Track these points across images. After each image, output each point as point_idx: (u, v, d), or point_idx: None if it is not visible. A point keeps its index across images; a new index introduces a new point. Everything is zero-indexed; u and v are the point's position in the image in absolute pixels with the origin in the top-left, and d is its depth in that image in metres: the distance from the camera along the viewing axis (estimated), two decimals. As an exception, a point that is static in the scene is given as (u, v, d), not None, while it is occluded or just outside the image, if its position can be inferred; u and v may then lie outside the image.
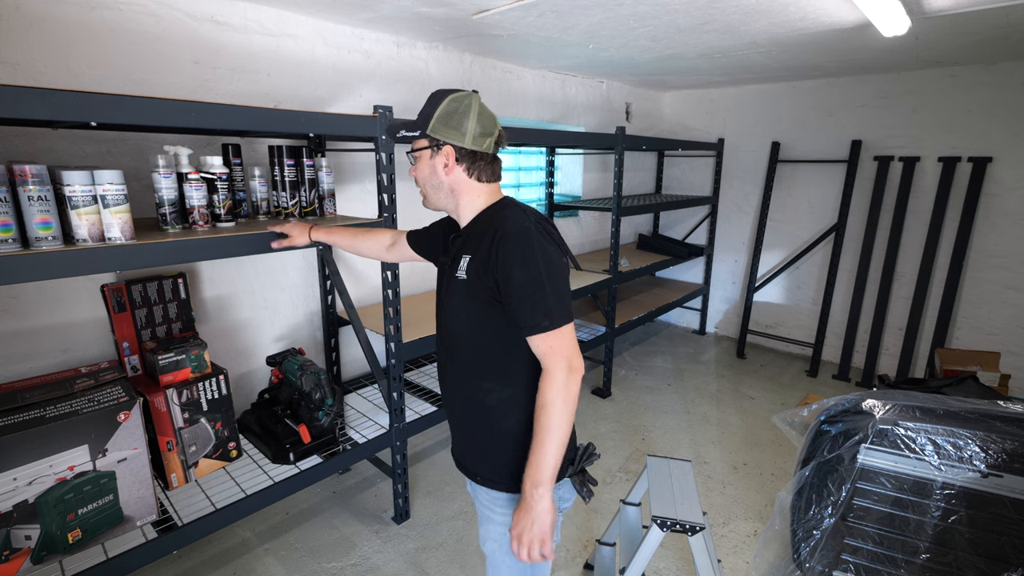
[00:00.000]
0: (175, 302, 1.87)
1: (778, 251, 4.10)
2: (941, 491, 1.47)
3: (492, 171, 1.15)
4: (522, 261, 1.00)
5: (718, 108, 4.24)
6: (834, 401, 1.65)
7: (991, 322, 3.26)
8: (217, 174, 1.62)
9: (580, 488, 1.13)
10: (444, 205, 1.17)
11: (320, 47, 2.24)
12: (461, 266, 1.10)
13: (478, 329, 1.10)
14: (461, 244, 1.14)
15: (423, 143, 1.12)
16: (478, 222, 1.13)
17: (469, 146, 1.09)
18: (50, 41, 1.61)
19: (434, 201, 1.17)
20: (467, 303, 1.10)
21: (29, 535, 1.34)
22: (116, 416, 1.43)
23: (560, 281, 1.04)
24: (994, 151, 3.13)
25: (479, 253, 1.05)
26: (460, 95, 1.10)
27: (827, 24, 2.21)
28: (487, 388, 1.11)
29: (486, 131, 1.10)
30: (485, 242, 1.05)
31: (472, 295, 1.07)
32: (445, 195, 1.15)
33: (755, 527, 2.17)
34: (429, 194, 1.17)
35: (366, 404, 2.34)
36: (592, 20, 2.19)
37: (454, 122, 1.08)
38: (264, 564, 1.93)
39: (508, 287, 1.01)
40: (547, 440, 0.99)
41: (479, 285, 1.05)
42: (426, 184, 1.15)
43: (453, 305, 1.14)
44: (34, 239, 1.20)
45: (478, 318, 1.09)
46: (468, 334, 1.12)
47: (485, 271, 1.04)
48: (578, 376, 1.02)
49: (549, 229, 1.10)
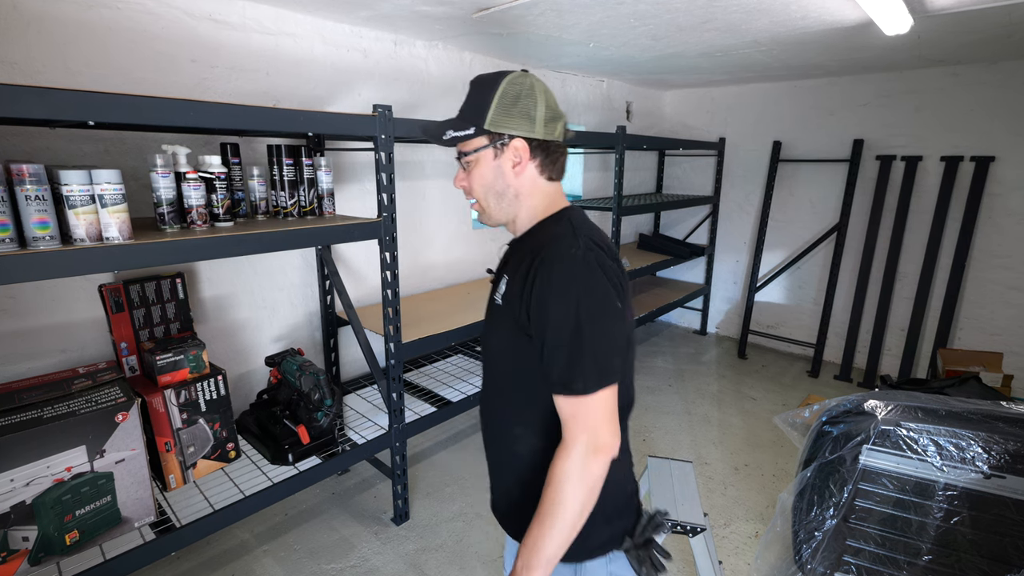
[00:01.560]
0: (173, 302, 1.86)
1: (779, 251, 4.09)
2: (943, 492, 1.46)
3: (563, 165, 0.95)
4: (561, 296, 0.80)
5: (719, 107, 4.23)
6: (836, 402, 1.64)
7: (994, 322, 3.25)
8: (215, 173, 1.62)
9: (639, 567, 0.91)
10: (507, 216, 0.95)
11: (319, 45, 2.24)
12: (500, 288, 0.92)
13: (510, 365, 0.92)
14: (506, 260, 0.98)
15: (481, 141, 0.90)
16: (532, 235, 0.93)
17: (542, 135, 0.88)
18: (48, 40, 1.60)
19: (497, 214, 0.94)
20: (500, 332, 0.92)
21: (26, 536, 1.34)
22: (114, 417, 1.43)
23: (606, 330, 0.81)
24: (997, 150, 3.12)
25: (518, 275, 0.87)
26: (516, 75, 0.90)
27: (829, 23, 2.20)
28: (517, 433, 0.94)
29: (555, 113, 0.90)
30: (526, 263, 0.86)
31: (506, 324, 0.90)
32: (509, 202, 0.93)
33: (756, 528, 2.16)
34: (491, 205, 0.94)
35: (365, 405, 2.33)
36: (593, 18, 2.18)
37: (520, 108, 0.87)
38: (263, 566, 1.92)
39: (540, 326, 0.82)
40: (548, 520, 0.79)
41: (512, 314, 0.88)
42: (488, 192, 0.92)
43: (488, 331, 0.98)
44: (31, 239, 1.20)
45: (511, 352, 0.91)
46: (500, 368, 0.95)
47: (519, 299, 0.85)
48: (604, 458, 0.80)
49: (607, 259, 0.85)
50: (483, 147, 0.90)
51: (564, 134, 0.93)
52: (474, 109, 0.90)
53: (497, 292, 0.93)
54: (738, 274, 4.37)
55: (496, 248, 3.36)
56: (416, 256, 2.86)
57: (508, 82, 0.89)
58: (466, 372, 2.72)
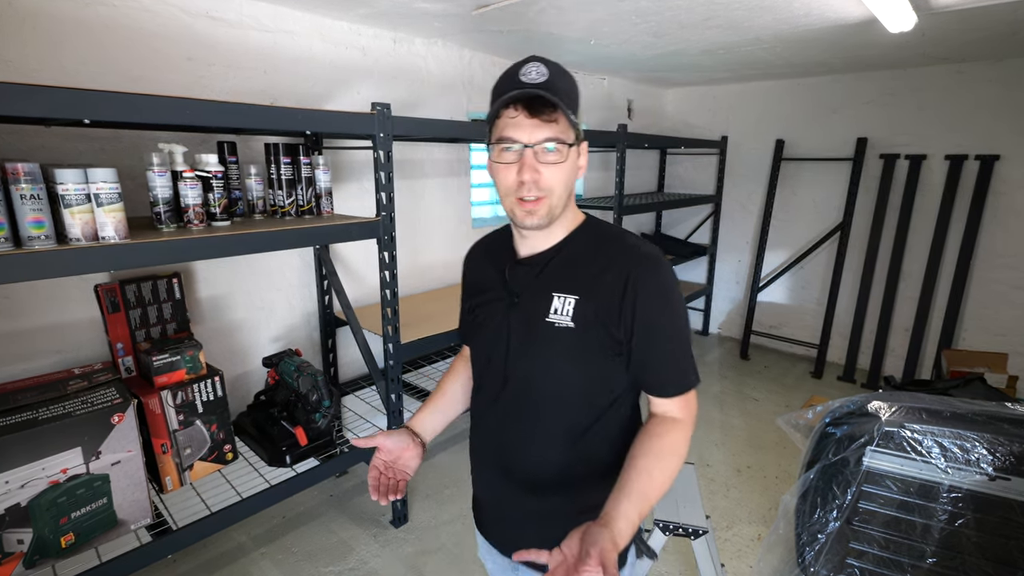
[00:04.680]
0: (170, 302, 1.85)
1: (782, 250, 4.07)
2: (948, 494, 1.45)
3: None
4: (668, 299, 0.80)
5: (721, 105, 4.21)
6: (839, 403, 1.62)
7: (999, 323, 3.22)
8: (212, 172, 1.60)
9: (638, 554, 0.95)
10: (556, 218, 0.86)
11: (317, 43, 2.22)
12: (559, 309, 0.83)
13: (586, 387, 0.85)
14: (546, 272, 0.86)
15: (572, 134, 0.81)
16: (576, 241, 0.87)
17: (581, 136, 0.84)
18: (43, 38, 1.59)
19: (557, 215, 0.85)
20: (572, 355, 0.83)
21: (21, 539, 1.33)
22: (110, 418, 1.42)
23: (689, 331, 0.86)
24: (1002, 149, 3.09)
25: (596, 290, 0.81)
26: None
27: (832, 20, 2.18)
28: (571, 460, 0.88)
29: None
30: (607, 274, 0.81)
31: (584, 347, 0.82)
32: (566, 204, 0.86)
33: (759, 531, 2.14)
34: (557, 206, 0.83)
35: (364, 406, 2.32)
36: (593, 16, 2.16)
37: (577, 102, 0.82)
38: (260, 568, 1.91)
39: (651, 334, 0.80)
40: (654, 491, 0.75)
41: (597, 335, 0.81)
42: (565, 191, 0.83)
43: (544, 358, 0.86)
44: (26, 238, 1.18)
45: (589, 375, 0.84)
46: (569, 394, 0.86)
47: (610, 314, 0.80)
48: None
49: None
50: (575, 142, 0.82)
51: None
52: (571, 97, 0.80)
53: (552, 312, 0.83)
54: (740, 274, 4.35)
55: (496, 248, 3.34)
56: (415, 256, 2.84)
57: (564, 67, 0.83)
58: (466, 372, 2.71)
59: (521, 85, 0.78)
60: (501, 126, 0.81)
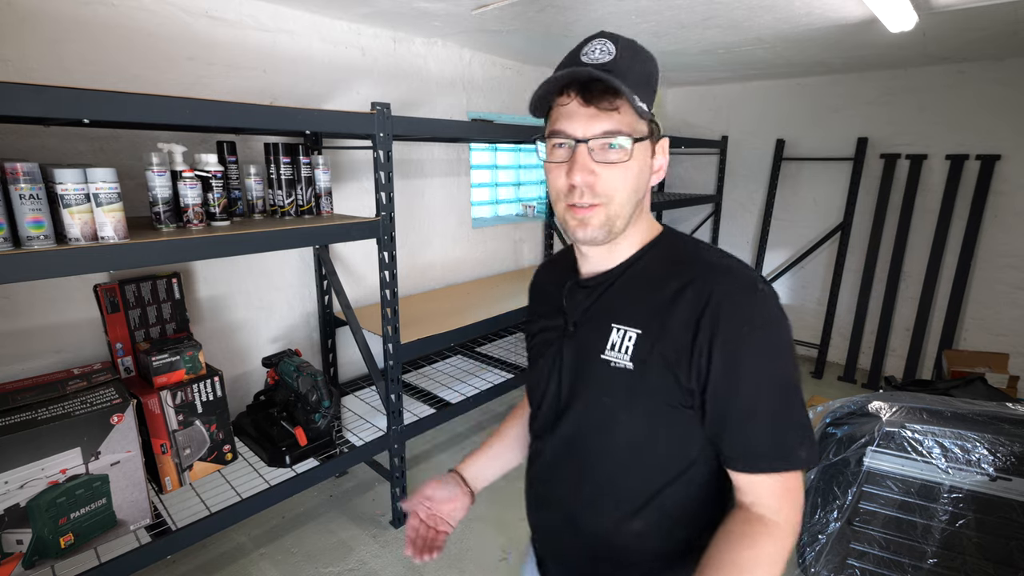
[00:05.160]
0: (169, 302, 1.85)
1: (783, 250, 4.06)
2: (948, 495, 1.45)
3: None
4: (766, 346, 0.61)
5: (721, 105, 4.20)
6: (840, 403, 1.62)
7: (999, 323, 3.22)
8: (212, 172, 1.60)
9: None
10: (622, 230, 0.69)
11: (316, 43, 2.22)
12: (616, 344, 0.67)
13: (649, 445, 0.68)
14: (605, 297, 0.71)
15: (645, 128, 0.68)
16: (646, 260, 0.70)
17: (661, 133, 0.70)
18: (42, 37, 1.59)
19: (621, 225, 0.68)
20: (630, 404, 0.67)
21: (20, 539, 1.32)
22: (109, 418, 1.41)
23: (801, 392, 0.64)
24: (1003, 149, 3.09)
25: (663, 322, 0.64)
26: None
27: (833, 20, 2.17)
28: (637, 530, 0.71)
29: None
30: (679, 303, 0.64)
31: (646, 394, 0.66)
32: (638, 213, 0.70)
33: (759, 531, 2.14)
34: (625, 214, 0.67)
35: (363, 406, 2.32)
36: (594, 15, 2.16)
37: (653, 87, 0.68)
38: (260, 569, 1.91)
39: (731, 386, 0.62)
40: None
41: (662, 380, 0.64)
42: (633, 196, 0.67)
43: (597, 404, 0.71)
44: (25, 238, 1.18)
45: (653, 431, 0.67)
46: (627, 452, 0.69)
47: (679, 355, 0.63)
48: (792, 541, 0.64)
49: None
50: (645, 137, 0.67)
51: None
52: (645, 82, 0.66)
53: (610, 348, 0.68)
54: (740, 273, 4.35)
55: (497, 248, 3.34)
56: (415, 256, 2.84)
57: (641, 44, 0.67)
58: (465, 373, 2.70)
59: (579, 65, 0.64)
60: (554, 117, 0.67)
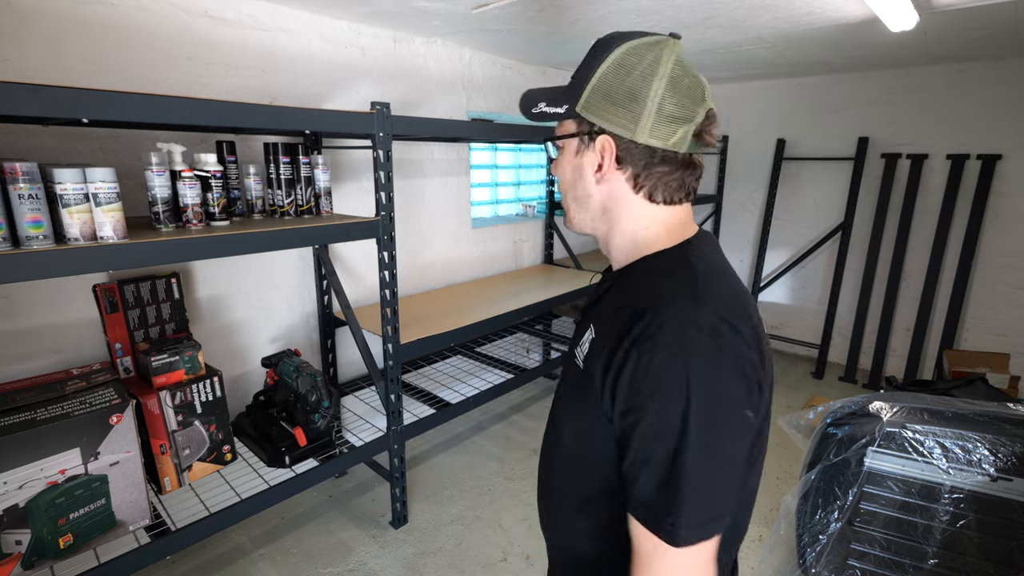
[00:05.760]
0: (168, 302, 1.85)
1: (783, 250, 4.06)
2: (949, 495, 1.44)
3: (680, 184, 0.66)
4: (663, 393, 0.56)
5: (722, 104, 4.20)
6: (840, 403, 1.62)
7: (1000, 323, 3.21)
8: (211, 172, 1.60)
9: None
10: (593, 230, 0.73)
11: (316, 42, 2.22)
12: (583, 343, 0.69)
13: (579, 446, 0.68)
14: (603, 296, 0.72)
15: (570, 127, 0.69)
16: (635, 274, 0.68)
17: (645, 139, 0.63)
18: (41, 36, 1.59)
19: (578, 221, 0.73)
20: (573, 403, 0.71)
21: (19, 540, 1.32)
22: (108, 419, 1.41)
23: (725, 457, 0.58)
24: (1004, 148, 3.08)
25: (607, 339, 0.63)
26: (643, 43, 0.64)
27: (833, 19, 2.17)
28: (579, 528, 0.72)
29: (681, 112, 0.62)
30: (619, 325, 0.61)
31: (582, 396, 0.66)
32: (594, 215, 0.71)
33: (760, 532, 2.14)
34: (571, 209, 0.73)
35: (363, 407, 2.31)
36: (594, 15, 2.16)
37: (623, 93, 0.63)
38: (259, 569, 1.90)
39: (628, 421, 0.59)
40: None
41: (592, 387, 0.64)
42: (567, 194, 0.73)
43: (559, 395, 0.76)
44: (24, 238, 1.18)
45: (581, 432, 0.68)
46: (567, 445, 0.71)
47: (603, 375, 0.62)
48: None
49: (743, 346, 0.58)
50: (570, 135, 0.70)
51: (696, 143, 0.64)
52: (576, 81, 0.68)
53: (579, 346, 0.70)
54: (741, 274, 4.35)
55: (497, 248, 3.34)
56: (415, 256, 2.84)
57: (627, 50, 0.64)
58: (465, 373, 2.70)
59: None
60: None
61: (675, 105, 0.62)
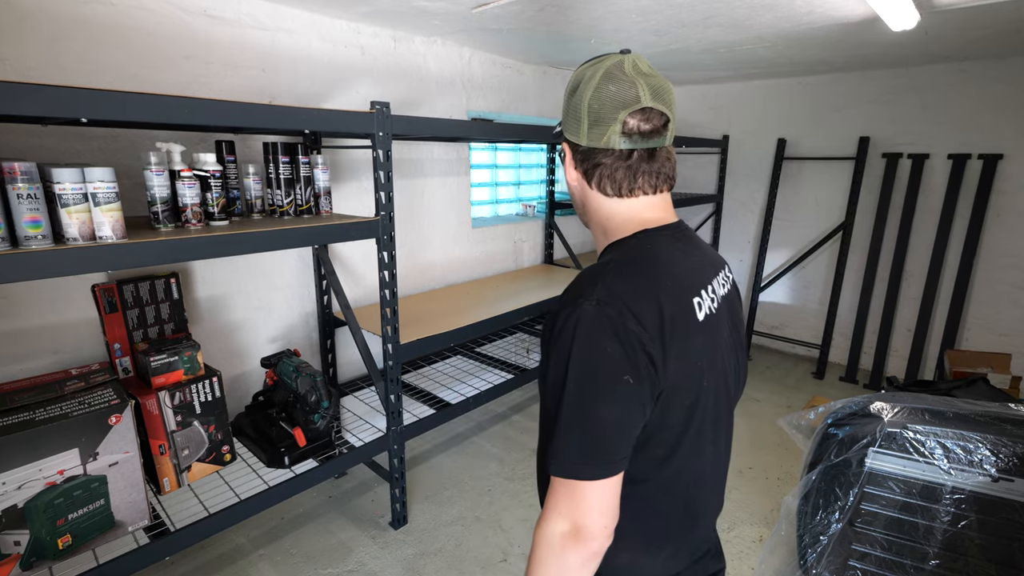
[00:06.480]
0: (167, 302, 1.84)
1: (784, 250, 4.05)
2: (951, 495, 1.44)
3: (626, 176, 0.76)
4: (556, 353, 0.68)
5: (722, 104, 4.19)
6: (841, 404, 1.61)
7: (1002, 323, 3.21)
8: (210, 171, 1.59)
9: None
10: (585, 222, 0.87)
11: (315, 42, 2.21)
12: None
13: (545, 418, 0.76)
14: None
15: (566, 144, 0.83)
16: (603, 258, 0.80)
17: (586, 142, 0.76)
18: (41, 36, 1.58)
19: (579, 216, 0.88)
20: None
21: (18, 541, 1.32)
22: (107, 419, 1.41)
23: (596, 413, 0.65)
24: (1005, 148, 3.07)
25: None
26: (587, 65, 0.78)
27: (834, 18, 2.16)
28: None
29: (601, 114, 0.74)
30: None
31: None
32: (580, 211, 0.86)
33: (761, 532, 2.13)
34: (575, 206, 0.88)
35: (363, 407, 2.31)
36: (594, 14, 2.15)
37: (572, 108, 0.77)
38: (259, 570, 1.90)
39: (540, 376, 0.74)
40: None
41: None
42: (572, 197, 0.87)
43: None
44: (23, 238, 1.18)
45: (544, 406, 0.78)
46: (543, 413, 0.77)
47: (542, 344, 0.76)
48: (584, 548, 0.65)
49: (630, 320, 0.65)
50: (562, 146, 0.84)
51: (626, 140, 0.74)
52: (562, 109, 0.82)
53: None
54: (742, 274, 4.34)
55: (497, 248, 3.34)
56: (415, 256, 2.83)
57: (577, 73, 0.78)
58: (465, 374, 2.70)
59: None
60: None
61: (600, 111, 0.74)
